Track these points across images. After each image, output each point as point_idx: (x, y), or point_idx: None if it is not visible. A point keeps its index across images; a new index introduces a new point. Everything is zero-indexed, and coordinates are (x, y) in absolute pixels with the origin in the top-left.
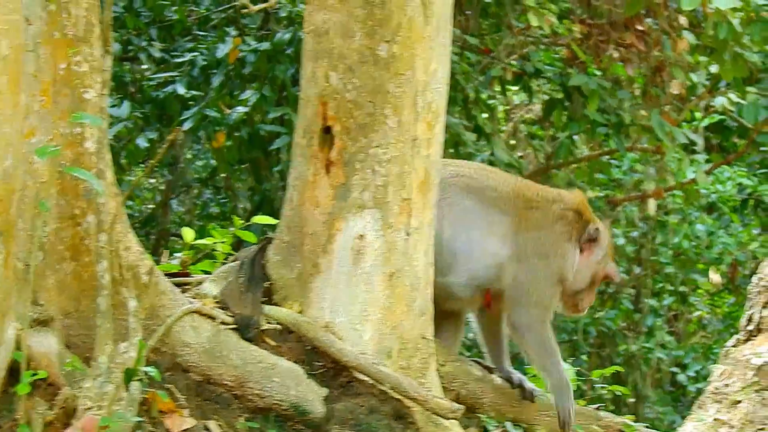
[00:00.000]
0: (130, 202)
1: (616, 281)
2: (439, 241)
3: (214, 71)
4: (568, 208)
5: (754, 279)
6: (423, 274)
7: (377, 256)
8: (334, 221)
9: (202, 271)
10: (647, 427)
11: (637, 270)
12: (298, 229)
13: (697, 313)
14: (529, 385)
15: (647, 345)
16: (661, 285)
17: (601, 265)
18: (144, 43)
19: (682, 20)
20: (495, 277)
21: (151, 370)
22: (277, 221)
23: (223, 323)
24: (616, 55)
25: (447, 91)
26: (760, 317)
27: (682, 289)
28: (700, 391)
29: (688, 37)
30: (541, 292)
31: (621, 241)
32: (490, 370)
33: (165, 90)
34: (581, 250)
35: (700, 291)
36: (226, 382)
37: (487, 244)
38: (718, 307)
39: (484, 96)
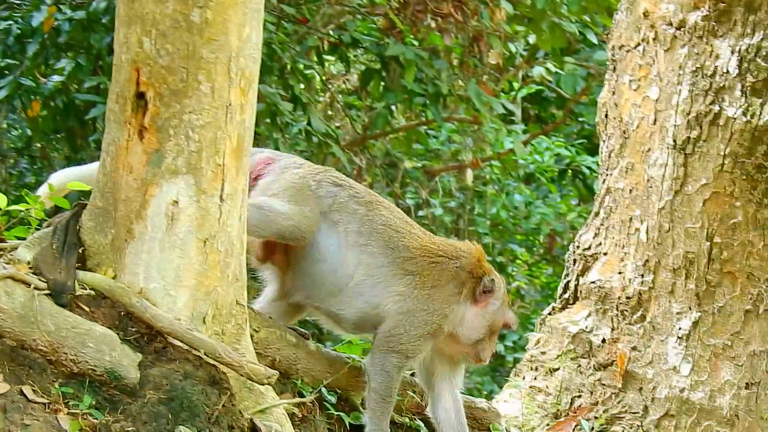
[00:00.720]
0: None
1: (514, 329)
2: (347, 281)
3: (29, 40)
4: (462, 267)
5: (571, 248)
6: (237, 240)
7: (191, 222)
8: (148, 187)
9: (15, 237)
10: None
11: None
12: (112, 194)
13: (515, 284)
14: None
15: None
16: None
17: (498, 314)
18: None
19: None
20: (381, 321)
21: None
22: (91, 187)
23: (37, 289)
24: (433, 24)
25: (260, 57)
26: (576, 285)
27: (500, 259)
28: (517, 360)
29: (506, 7)
30: (410, 344)
31: (438, 211)
32: (305, 336)
33: None
34: (477, 302)
35: (518, 261)
36: (40, 348)
37: (386, 299)
38: (536, 278)
39: (301, 66)
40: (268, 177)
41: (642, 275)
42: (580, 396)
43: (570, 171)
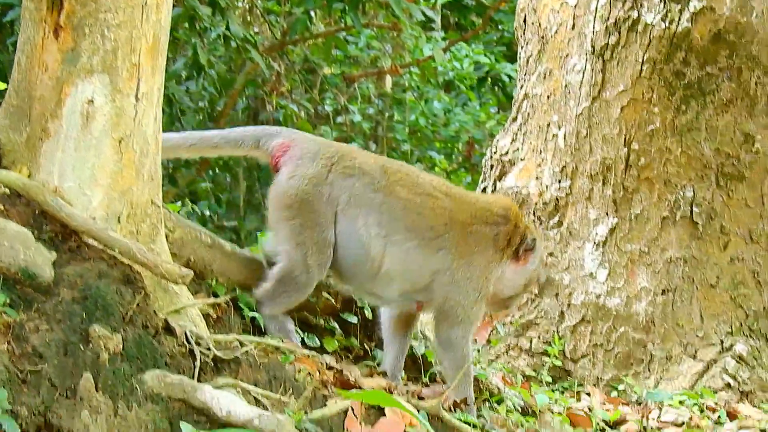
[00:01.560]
0: None
1: (549, 282)
2: (377, 270)
3: None
4: (501, 231)
5: (488, 153)
6: (152, 140)
7: (106, 122)
8: (63, 86)
9: None
10: None
11: (373, 147)
12: (27, 93)
13: None
14: None
15: None
16: None
17: (536, 272)
18: None
19: None
20: (426, 294)
21: None
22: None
23: None
24: None
25: None
26: (494, 191)
27: (418, 166)
28: None
29: None
30: (468, 312)
31: (357, 118)
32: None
33: None
34: (518, 260)
35: (437, 169)
36: None
37: (424, 278)
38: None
39: None
40: (283, 175)
41: (559, 181)
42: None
43: (489, 78)
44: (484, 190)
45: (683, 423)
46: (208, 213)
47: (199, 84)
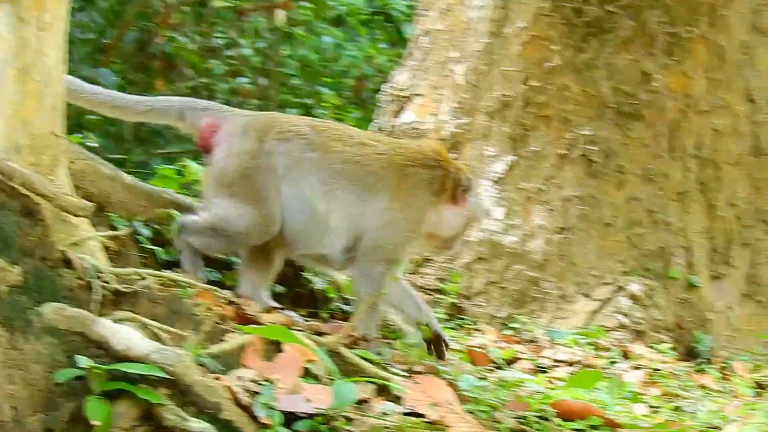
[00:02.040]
0: None
1: (487, 216)
2: (324, 226)
3: None
4: (436, 174)
5: (385, 88)
6: (54, 70)
7: (8, 51)
8: None
9: None
10: None
11: (262, 81)
12: None
13: None
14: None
15: None
16: (286, 97)
17: (473, 211)
18: None
19: None
20: (360, 238)
21: None
22: None
23: None
24: None
25: None
26: (391, 126)
27: (307, 101)
28: None
29: None
30: (395, 251)
31: (247, 51)
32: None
33: None
34: (455, 201)
35: (325, 104)
36: None
37: (366, 221)
38: (343, 121)
39: None
40: (218, 155)
41: (457, 117)
42: None
43: (380, 15)
44: (380, 126)
45: (577, 362)
46: (96, 145)
47: (89, 15)
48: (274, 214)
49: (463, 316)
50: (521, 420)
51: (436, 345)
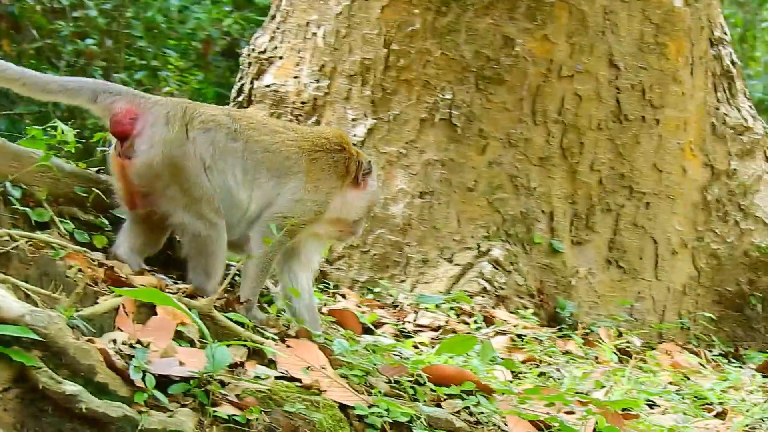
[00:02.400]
0: None
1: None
2: (245, 212)
3: None
4: (339, 159)
5: (246, 50)
6: None
7: None
8: None
9: None
10: None
11: (108, 43)
12: None
13: (166, 89)
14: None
15: None
16: (132, 59)
17: (376, 194)
18: None
19: None
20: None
21: None
22: None
23: None
24: None
25: None
26: (251, 89)
27: (153, 63)
28: None
29: None
30: (296, 228)
31: (93, 13)
32: None
33: None
34: (357, 185)
35: (171, 67)
36: None
37: (279, 204)
38: (188, 84)
39: None
40: (141, 146)
41: (318, 80)
42: None
43: None
44: (241, 87)
45: (439, 327)
46: None
47: None
48: (210, 191)
49: (326, 281)
50: (395, 385)
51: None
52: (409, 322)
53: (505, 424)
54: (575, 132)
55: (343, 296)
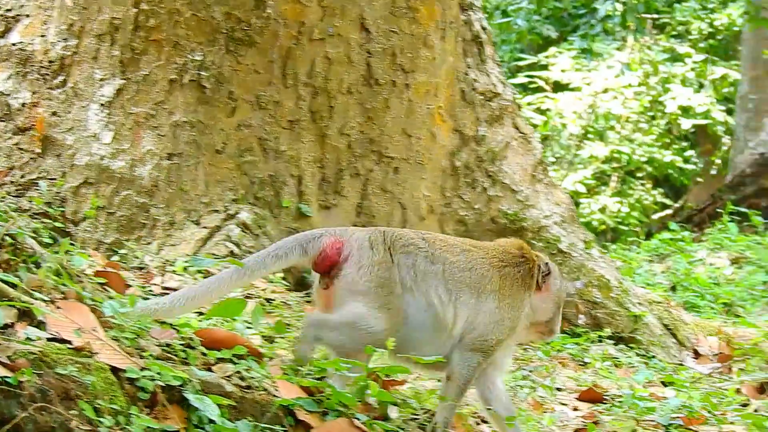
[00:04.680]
0: None
1: (575, 291)
2: (447, 332)
3: None
4: (524, 269)
5: None
6: None
7: None
8: None
9: None
10: None
11: None
12: None
13: None
14: None
15: None
16: None
17: (561, 290)
18: None
19: None
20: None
21: None
22: None
23: None
24: None
25: None
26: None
27: None
28: None
29: None
30: (496, 347)
31: None
32: None
33: None
34: (540, 288)
35: None
36: None
37: (479, 319)
38: None
39: None
40: (349, 268)
41: (65, 39)
42: None
43: None
44: None
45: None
46: None
47: None
48: (400, 323)
49: (72, 242)
50: (167, 348)
51: None
52: (156, 284)
53: (276, 389)
54: (325, 95)
55: (91, 258)
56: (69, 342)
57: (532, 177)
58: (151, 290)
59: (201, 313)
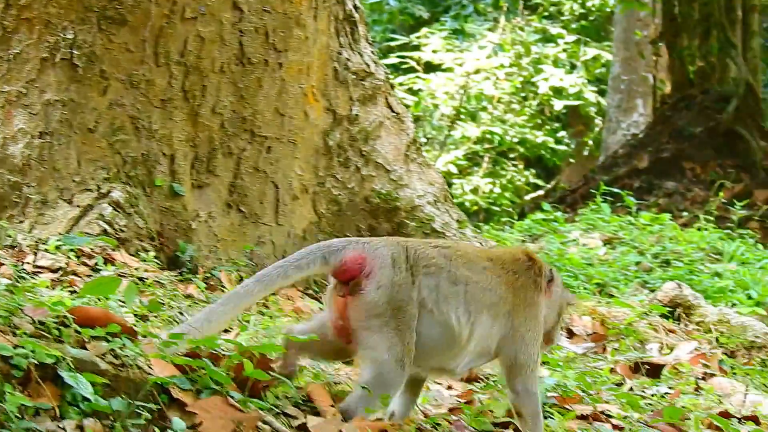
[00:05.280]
0: None
1: (575, 304)
2: (462, 348)
3: None
4: (533, 275)
5: None
6: None
7: None
8: None
9: None
10: None
11: None
12: None
13: None
14: None
15: None
16: None
17: (562, 298)
18: None
19: None
20: (489, 357)
21: None
22: None
23: None
24: None
25: None
26: None
27: None
28: None
29: None
30: (535, 359)
31: None
32: None
33: None
34: (545, 293)
35: None
36: None
37: (493, 340)
38: None
39: None
40: (369, 286)
41: None
42: None
43: None
44: None
45: (60, 269)
46: None
47: None
48: (414, 339)
49: None
50: (40, 326)
51: None
52: (28, 263)
53: (150, 367)
54: (197, 74)
55: None
56: None
57: (405, 157)
58: (23, 269)
59: (74, 291)
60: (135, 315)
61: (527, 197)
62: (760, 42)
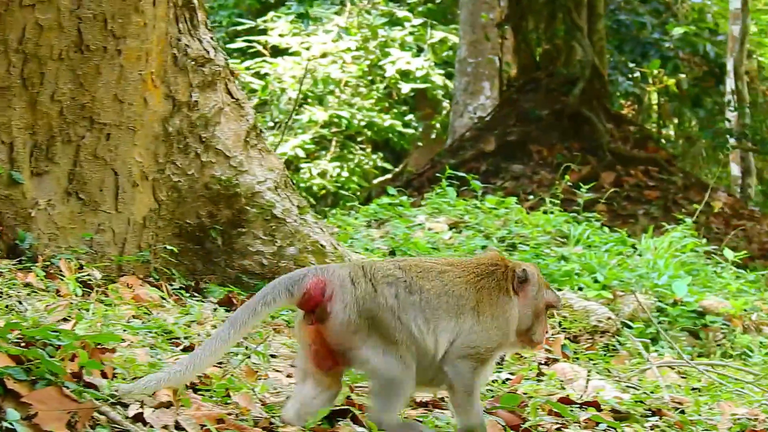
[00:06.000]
0: None
1: (559, 306)
2: (433, 358)
3: None
4: (498, 278)
5: None
6: None
7: None
8: None
9: None
10: None
11: None
12: None
13: None
14: None
15: None
16: None
17: (538, 299)
18: None
19: None
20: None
21: None
22: None
23: None
24: None
25: None
26: None
27: None
28: None
29: None
30: (486, 354)
31: None
32: None
33: None
34: (517, 294)
35: None
36: None
37: (458, 342)
38: None
39: None
40: (336, 306)
41: None
42: None
43: None
44: None
45: None
46: None
47: None
48: (406, 335)
49: None
50: None
51: None
52: None
53: None
54: (36, 62)
55: None
56: None
57: (246, 143)
58: None
59: None
60: None
61: (375, 181)
62: (605, 24)
